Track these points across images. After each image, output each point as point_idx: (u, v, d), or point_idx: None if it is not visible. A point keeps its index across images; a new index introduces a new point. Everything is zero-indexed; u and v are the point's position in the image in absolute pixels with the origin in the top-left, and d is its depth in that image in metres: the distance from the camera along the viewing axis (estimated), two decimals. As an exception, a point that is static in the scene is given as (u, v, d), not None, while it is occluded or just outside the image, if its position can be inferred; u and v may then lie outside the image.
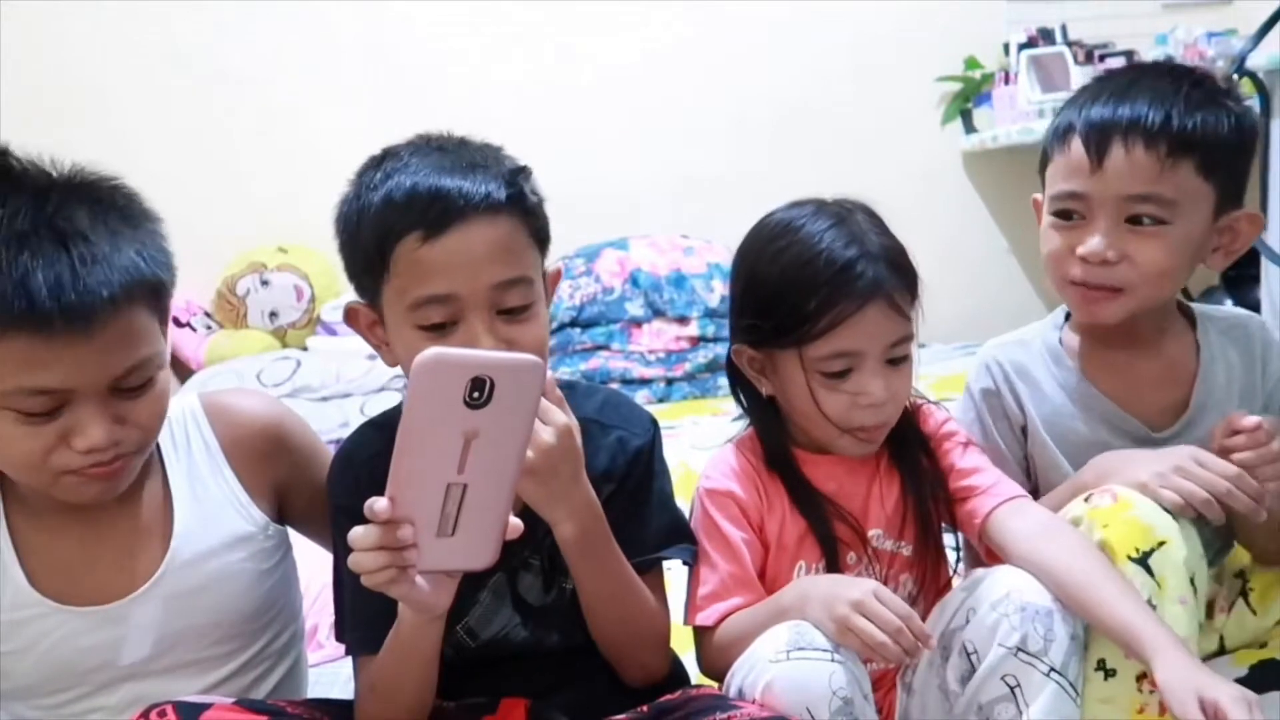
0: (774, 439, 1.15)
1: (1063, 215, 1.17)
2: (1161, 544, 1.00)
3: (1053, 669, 0.96)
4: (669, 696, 1.02)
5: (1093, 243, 1.13)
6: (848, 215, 1.12)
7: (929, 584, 1.15)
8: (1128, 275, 1.14)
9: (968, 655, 1.00)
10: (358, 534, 0.81)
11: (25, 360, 0.89)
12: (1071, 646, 0.98)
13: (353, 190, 1.02)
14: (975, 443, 1.18)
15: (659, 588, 1.08)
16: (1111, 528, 1.02)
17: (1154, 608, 0.98)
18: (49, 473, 0.95)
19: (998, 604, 0.98)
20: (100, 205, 0.95)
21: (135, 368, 0.95)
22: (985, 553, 1.14)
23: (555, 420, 0.93)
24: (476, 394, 0.77)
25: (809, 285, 1.07)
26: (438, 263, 0.96)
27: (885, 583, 1.10)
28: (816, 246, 1.08)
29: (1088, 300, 1.17)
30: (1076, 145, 1.14)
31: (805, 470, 1.13)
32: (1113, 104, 1.13)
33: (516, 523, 0.84)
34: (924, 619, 1.07)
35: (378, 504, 0.79)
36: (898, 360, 1.09)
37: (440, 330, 0.97)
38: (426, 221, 0.96)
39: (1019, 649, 0.97)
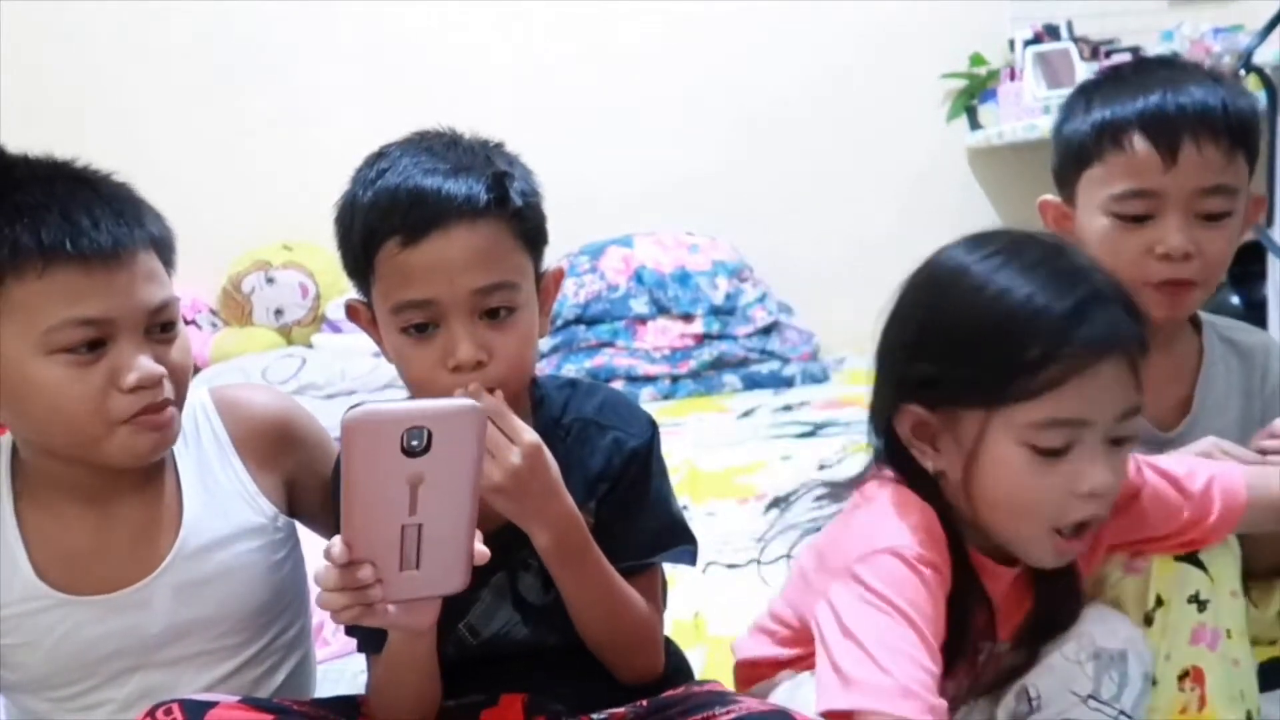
0: (950, 523, 0.93)
1: (1128, 217, 1.14)
2: None
3: (1122, 713, 0.94)
4: (671, 692, 1.02)
5: (1175, 240, 1.11)
6: (1061, 246, 0.93)
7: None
8: (1199, 269, 1.13)
9: (1029, 699, 0.96)
10: (320, 575, 0.82)
11: (69, 292, 0.94)
12: (1144, 686, 0.96)
13: (348, 189, 1.02)
14: (1148, 465, 1.01)
15: (652, 590, 1.07)
16: None
17: (1206, 604, 0.98)
18: (104, 423, 0.96)
19: (1070, 652, 0.95)
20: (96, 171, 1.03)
21: (165, 306, 1.00)
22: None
23: (523, 441, 0.93)
24: (415, 442, 0.77)
25: (1028, 327, 0.86)
26: (417, 267, 0.96)
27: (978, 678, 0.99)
28: (1034, 281, 0.88)
29: (1170, 297, 1.15)
30: (1141, 142, 1.12)
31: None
32: (1169, 97, 1.12)
33: (483, 550, 0.84)
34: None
35: (334, 549, 0.80)
36: (1123, 440, 0.89)
37: (422, 332, 0.97)
38: (406, 226, 0.95)
39: (1091, 697, 0.94)
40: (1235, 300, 3.02)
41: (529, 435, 0.94)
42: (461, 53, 3.47)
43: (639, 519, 1.05)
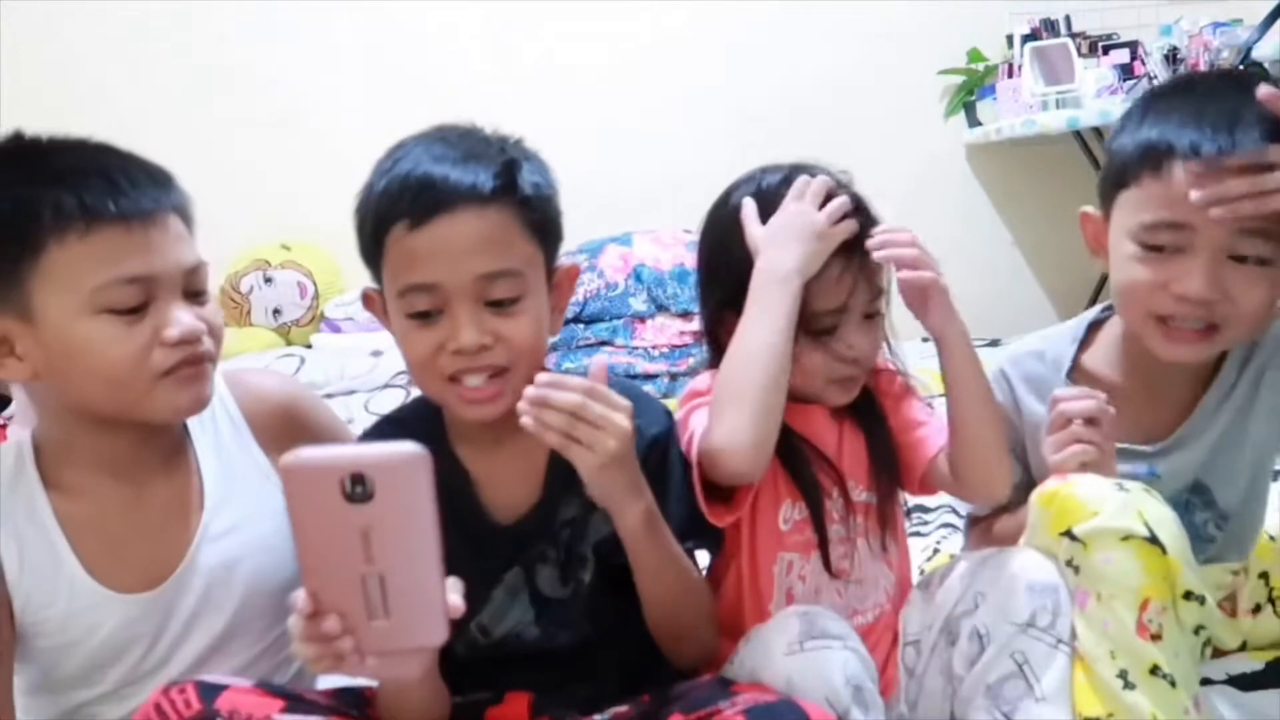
0: None
1: (1154, 247, 1.08)
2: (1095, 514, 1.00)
3: (1060, 640, 0.98)
4: (673, 687, 1.02)
5: (1194, 285, 1.05)
6: (797, 169, 1.19)
7: (892, 531, 1.18)
8: (1226, 313, 1.07)
9: (979, 638, 1.01)
10: (289, 624, 0.81)
11: (113, 252, 0.96)
12: (1073, 615, 1.00)
13: (368, 180, 1.04)
14: (915, 392, 1.21)
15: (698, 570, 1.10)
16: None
17: (1078, 568, 0.99)
18: (147, 378, 0.98)
19: (1008, 585, 1.00)
20: None
21: (198, 268, 1.03)
22: (920, 487, 1.18)
23: (623, 405, 0.94)
24: (358, 489, 0.74)
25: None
26: (422, 251, 0.97)
27: (861, 534, 1.14)
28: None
29: (1173, 339, 1.10)
30: (1181, 172, 1.05)
31: (785, 418, 1.11)
32: (1219, 128, 1.04)
33: (456, 602, 0.82)
34: (892, 567, 1.18)
35: (298, 599, 0.79)
36: (873, 315, 1.14)
37: (426, 318, 0.99)
38: (413, 210, 0.97)
39: (1029, 624, 0.99)
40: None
41: (624, 400, 0.95)
42: (461, 53, 3.46)
43: (666, 504, 1.06)
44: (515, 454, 1.06)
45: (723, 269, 1.15)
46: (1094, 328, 1.25)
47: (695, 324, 3.26)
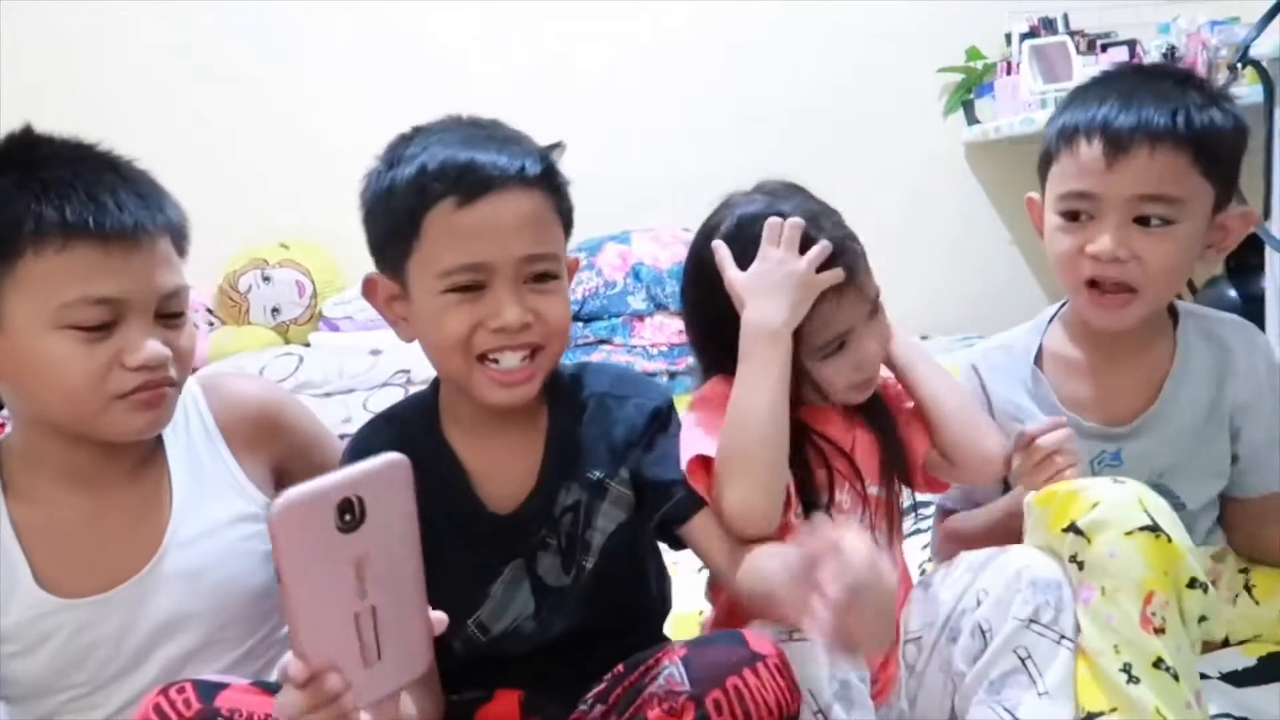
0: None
1: (1070, 215, 1.19)
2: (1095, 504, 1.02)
3: (1063, 636, 0.99)
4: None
5: (1103, 241, 1.16)
6: (775, 199, 1.15)
7: (895, 525, 1.20)
8: (1138, 274, 1.17)
9: (982, 634, 1.02)
10: (284, 703, 0.74)
11: (87, 270, 0.95)
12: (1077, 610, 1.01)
13: (382, 164, 1.03)
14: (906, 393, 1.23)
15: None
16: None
17: (1083, 564, 1.01)
18: (103, 398, 0.98)
19: (1011, 582, 1.01)
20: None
21: (176, 292, 1.02)
22: (925, 482, 1.22)
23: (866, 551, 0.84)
24: (349, 516, 0.71)
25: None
26: (470, 229, 0.97)
27: (869, 527, 1.15)
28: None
29: (1102, 305, 1.20)
30: (1086, 147, 1.17)
31: (802, 418, 1.14)
32: (1120, 106, 1.16)
33: (440, 617, 0.80)
34: (894, 562, 1.17)
35: (291, 668, 0.73)
36: (875, 313, 1.16)
37: (466, 293, 0.98)
38: (462, 188, 0.97)
39: (1032, 620, 0.99)
40: (1233, 294, 3.01)
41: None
42: (459, 51, 3.46)
43: (667, 473, 1.05)
44: (512, 442, 1.06)
45: (712, 322, 1.14)
46: (1053, 319, 1.35)
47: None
